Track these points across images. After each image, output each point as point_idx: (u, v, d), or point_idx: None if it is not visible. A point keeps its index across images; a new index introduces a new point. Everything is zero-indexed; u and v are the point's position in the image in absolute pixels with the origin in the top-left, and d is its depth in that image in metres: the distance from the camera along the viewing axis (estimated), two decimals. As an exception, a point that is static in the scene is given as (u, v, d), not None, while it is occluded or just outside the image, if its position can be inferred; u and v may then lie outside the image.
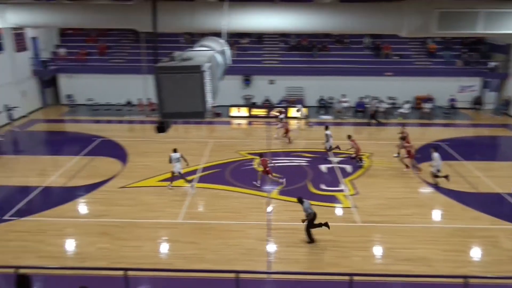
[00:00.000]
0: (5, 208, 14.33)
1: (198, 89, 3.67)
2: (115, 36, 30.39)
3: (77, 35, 30.69)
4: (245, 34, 29.07)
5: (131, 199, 14.89)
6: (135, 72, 26.41)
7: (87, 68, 28.28)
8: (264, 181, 16.10)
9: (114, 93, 27.44)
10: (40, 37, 28.15)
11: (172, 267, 10.72)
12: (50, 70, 27.97)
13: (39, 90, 28.17)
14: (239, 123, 25.38)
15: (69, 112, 27.43)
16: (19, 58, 25.64)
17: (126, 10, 12.70)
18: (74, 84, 28.33)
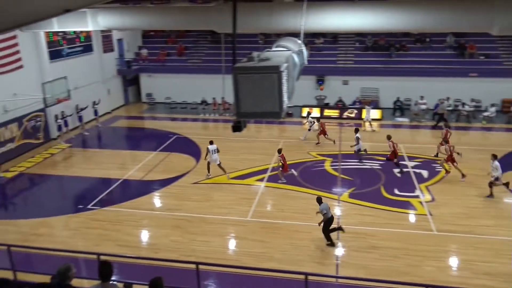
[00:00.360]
0: (88, 197, 15.46)
1: (275, 89, 3.68)
2: (193, 37, 31.53)
3: (158, 36, 32.30)
4: (320, 34, 28.78)
5: (203, 195, 15.36)
6: (210, 72, 27.32)
7: (166, 68, 29.64)
8: (289, 177, 16.10)
9: (190, 92, 28.48)
10: (125, 39, 30.03)
11: (239, 264, 10.88)
12: (133, 69, 29.71)
13: (122, 89, 30.05)
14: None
15: (148, 110, 28.94)
16: (106, 58, 27.51)
17: (206, 12, 13.14)
18: (153, 83, 29.85)
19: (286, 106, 3.94)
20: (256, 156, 18.88)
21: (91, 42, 25.93)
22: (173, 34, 32.01)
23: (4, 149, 18.99)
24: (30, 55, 20.60)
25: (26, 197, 16.78)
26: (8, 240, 11.42)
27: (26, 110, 20.26)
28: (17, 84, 19.49)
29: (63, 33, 22.83)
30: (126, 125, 25.91)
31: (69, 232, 13.22)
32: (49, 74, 21.07)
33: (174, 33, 31.82)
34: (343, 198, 14.89)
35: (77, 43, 24.59)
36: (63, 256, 10.00)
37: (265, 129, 23.54)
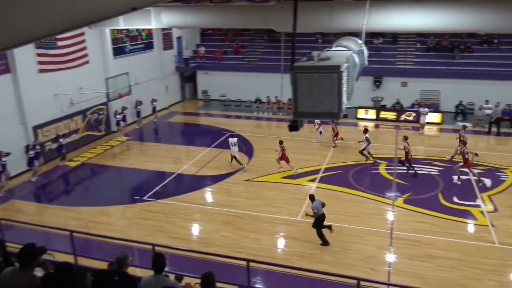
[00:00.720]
0: (144, 189, 16.04)
1: (334, 90, 3.62)
2: (250, 36, 31.78)
3: (216, 35, 32.85)
4: (378, 34, 28.00)
5: (254, 193, 15.46)
6: (265, 70, 27.42)
7: (222, 66, 30.10)
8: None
9: (245, 90, 28.73)
10: (184, 37, 30.83)
11: (288, 263, 10.83)
12: (190, 67, 30.45)
13: (179, 85, 30.89)
14: (366, 125, 24.55)
15: (204, 106, 29.54)
16: (165, 55, 28.39)
17: (265, 10, 13.19)
18: (210, 81, 30.42)
19: (344, 107, 3.87)
20: (309, 157, 18.73)
21: (152, 39, 26.86)
22: (230, 33, 32.43)
23: (69, 139, 20.13)
24: (96, 51, 21.68)
25: (86, 186, 17.72)
26: (70, 226, 12.10)
27: (90, 103, 21.35)
28: (83, 78, 20.59)
29: (127, 30, 23.82)
30: (182, 120, 26.60)
31: (125, 221, 13.79)
32: (112, 70, 22.09)
33: (231, 31, 32.24)
34: (397, 204, 14.42)
35: (139, 41, 25.56)
36: (118, 244, 10.45)
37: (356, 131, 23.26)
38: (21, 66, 17.20)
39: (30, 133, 17.80)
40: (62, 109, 19.73)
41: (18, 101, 17.32)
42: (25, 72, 17.43)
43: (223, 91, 29.58)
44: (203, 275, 5.06)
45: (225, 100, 29.36)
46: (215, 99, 30.02)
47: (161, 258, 5.33)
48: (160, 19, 15.11)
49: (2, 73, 16.60)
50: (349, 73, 3.99)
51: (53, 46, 18.64)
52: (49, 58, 18.60)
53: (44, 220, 13.48)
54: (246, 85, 28.75)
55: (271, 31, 29.78)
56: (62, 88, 19.47)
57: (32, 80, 17.77)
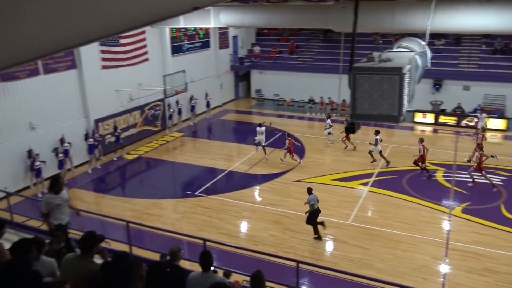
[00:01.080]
0: (196, 185, 16.39)
1: (395, 92, 3.49)
2: (305, 36, 31.57)
3: (271, 34, 32.92)
4: (440, 35, 26.83)
5: (304, 194, 15.21)
6: (320, 71, 27.14)
7: (277, 66, 30.11)
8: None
9: (298, 90, 28.56)
10: (239, 36, 31.17)
11: (336, 267, 10.66)
12: (245, 66, 30.73)
13: (234, 84, 31.27)
14: (423, 130, 23.68)
15: (256, 105, 29.71)
16: (221, 54, 28.84)
17: (324, 10, 13.05)
18: (263, 80, 30.54)
19: (405, 110, 3.72)
20: (362, 160, 18.31)
21: (209, 38, 27.38)
22: (286, 32, 32.39)
23: (128, 133, 20.97)
24: (155, 49, 22.41)
25: (142, 179, 18.38)
26: (125, 216, 12.60)
27: (148, 99, 22.12)
28: (142, 75, 21.37)
29: (185, 29, 24.44)
30: (234, 118, 26.92)
31: (177, 215, 14.16)
32: (170, 67, 22.75)
33: (287, 31, 32.18)
34: (455, 213, 13.77)
35: (196, 39, 26.15)
36: (170, 237, 10.75)
37: (372, 132, 22.68)
38: (86, 62, 18.14)
39: (92, 126, 18.73)
40: (122, 104, 20.61)
41: (82, 95, 18.29)
42: (90, 68, 18.37)
43: (277, 90, 29.59)
44: (253, 273, 5.08)
45: (278, 99, 29.35)
46: (268, 98, 30.10)
47: (209, 256, 5.40)
48: (219, 18, 15.37)
49: (69, 68, 17.58)
50: (411, 75, 3.84)
51: (116, 43, 19.50)
52: (112, 55, 19.48)
53: (102, 209, 14.14)
54: (300, 85, 28.58)
55: (327, 31, 29.43)
56: (122, 84, 20.34)
57: (95, 75, 18.70)
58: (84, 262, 4.44)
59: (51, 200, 7.20)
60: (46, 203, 7.23)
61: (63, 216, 7.36)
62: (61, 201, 7.31)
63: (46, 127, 16.64)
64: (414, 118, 24.37)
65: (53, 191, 7.24)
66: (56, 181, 7.28)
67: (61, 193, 7.31)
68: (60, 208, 7.28)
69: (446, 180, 16.29)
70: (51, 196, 7.23)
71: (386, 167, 17.60)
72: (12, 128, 15.40)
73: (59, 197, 7.26)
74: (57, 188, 7.23)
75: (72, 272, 4.36)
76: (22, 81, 15.54)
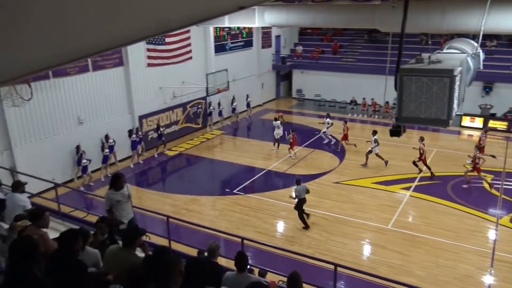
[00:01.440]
0: (234, 183, 16.52)
1: (445, 95, 3.35)
2: (349, 36, 31.09)
3: (314, 34, 32.64)
4: (493, 36, 25.65)
5: (343, 196, 15.12)
6: (363, 71, 26.65)
7: (319, 66, 29.82)
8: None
9: (340, 91, 28.17)
10: (282, 36, 31.11)
11: (374, 272, 10.42)
12: (287, 65, 30.64)
13: (275, 83, 31.26)
14: (471, 134, 22.75)
15: (297, 105, 29.55)
16: (263, 54, 28.89)
17: (371, 10, 12.78)
18: (305, 80, 30.33)
19: (454, 114, 3.58)
20: (404, 163, 17.81)
21: (251, 38, 27.50)
22: (329, 32, 32.02)
23: (170, 130, 21.43)
24: (199, 48, 22.75)
25: (182, 175, 18.74)
26: (164, 211, 12.86)
27: (190, 97, 22.51)
28: (185, 73, 21.77)
29: (229, 28, 24.66)
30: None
31: (215, 212, 14.33)
32: (213, 66, 23.05)
33: (330, 31, 31.81)
34: (503, 222, 13.15)
35: (239, 39, 26.33)
36: (207, 233, 10.89)
37: (416, 135, 22.01)
38: (133, 60, 18.68)
39: (136, 122, 19.27)
40: (165, 101, 21.08)
41: (128, 92, 18.85)
42: (136, 65, 18.91)
43: (318, 90, 29.32)
44: (290, 274, 5.05)
45: (319, 100, 29.07)
46: (309, 99, 29.87)
47: (244, 257, 5.41)
48: (263, 17, 15.40)
49: (116, 66, 18.17)
50: (462, 78, 3.69)
51: (162, 42, 19.95)
52: (157, 53, 19.95)
53: (142, 203, 14.49)
54: (342, 86, 28.18)
55: (372, 31, 28.85)
56: (166, 82, 20.81)
57: (140, 73, 19.23)
58: (126, 254, 4.57)
59: (112, 196, 7.35)
60: (107, 199, 7.41)
61: (124, 213, 7.45)
62: (122, 197, 7.43)
63: (93, 122, 17.30)
64: (461, 122, 23.45)
65: (114, 188, 7.41)
66: (118, 179, 7.42)
67: (122, 190, 7.44)
68: (120, 204, 7.41)
69: (494, 187, 15.56)
70: (112, 192, 7.39)
71: (385, 167, 17.52)
72: (62, 122, 16.10)
73: (119, 193, 7.39)
74: (118, 186, 7.38)
75: (115, 264, 4.50)
76: (72, 77, 16.21)
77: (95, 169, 16.90)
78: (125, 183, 7.53)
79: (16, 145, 14.55)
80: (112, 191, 7.40)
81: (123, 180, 7.47)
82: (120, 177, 7.49)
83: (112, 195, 7.37)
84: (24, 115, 14.71)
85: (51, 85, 15.54)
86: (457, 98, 3.53)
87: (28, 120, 14.92)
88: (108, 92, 17.94)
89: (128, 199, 7.63)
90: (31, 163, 14.62)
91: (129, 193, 7.65)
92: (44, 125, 15.49)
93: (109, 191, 7.46)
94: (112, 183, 7.46)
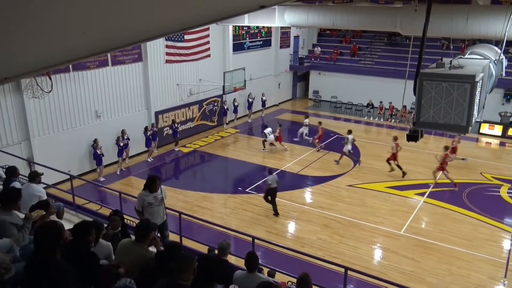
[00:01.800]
0: (247, 182, 16.53)
1: (465, 101, 3.29)
2: (368, 38, 30.83)
3: (333, 35, 32.46)
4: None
5: (356, 199, 15.01)
6: (382, 74, 26.41)
7: (337, 67, 29.65)
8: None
9: (357, 93, 27.95)
10: (301, 36, 31.00)
11: (385, 277, 10.31)
12: (304, 66, 30.53)
13: (292, 84, 31.17)
14: (489, 142, 22.36)
15: (313, 107, 29.40)
16: (281, 54, 28.84)
17: (392, 12, 12.67)
18: (322, 81, 30.18)
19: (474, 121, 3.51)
20: (419, 169, 17.61)
21: (270, 37, 27.46)
22: (349, 34, 31.80)
23: (185, 126, 21.54)
24: (217, 46, 22.82)
25: (195, 172, 18.82)
26: (177, 207, 12.89)
27: (207, 94, 22.58)
28: (203, 70, 21.86)
29: (248, 27, 24.66)
30: (289, 118, 26.81)
31: (227, 210, 14.35)
32: (231, 64, 23.10)
33: (350, 33, 31.59)
34: (518, 233, 12.88)
35: (258, 38, 26.32)
36: (218, 231, 10.92)
37: (433, 141, 21.77)
38: (152, 56, 18.83)
39: (152, 118, 19.41)
40: (181, 98, 21.19)
41: (145, 88, 19.01)
42: (154, 61, 19.06)
43: (335, 92, 29.13)
44: (300, 276, 5.03)
45: (335, 101, 28.88)
46: (325, 100, 29.69)
47: (255, 258, 5.41)
48: (283, 17, 15.39)
49: (135, 61, 18.33)
50: (483, 84, 3.62)
51: (181, 39, 20.07)
52: (176, 50, 20.07)
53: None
54: (359, 89, 27.95)
55: (392, 34, 28.56)
56: (183, 79, 20.93)
57: (159, 69, 19.38)
58: (138, 248, 4.61)
59: (144, 197, 7.23)
60: (140, 199, 7.29)
61: (154, 217, 7.21)
62: (154, 200, 7.29)
63: (110, 116, 17.49)
64: (480, 129, 23.06)
65: (148, 189, 7.29)
66: (153, 181, 7.31)
67: (155, 192, 7.30)
68: (152, 207, 7.28)
69: (510, 197, 15.29)
70: (145, 193, 7.27)
71: (358, 165, 17.88)
72: (79, 115, 16.32)
73: (152, 196, 7.26)
74: (152, 188, 7.26)
75: (127, 257, 4.53)
76: (91, 71, 16.41)
77: (110, 162, 17.09)
78: (159, 186, 7.39)
79: (34, 136, 14.80)
80: (146, 192, 7.28)
81: (158, 183, 7.33)
82: (155, 179, 7.35)
83: (144, 196, 7.25)
84: (43, 107, 14.96)
85: (71, 78, 15.77)
86: (477, 105, 3.46)
87: (47, 112, 15.17)
88: (126, 87, 18.12)
89: (161, 203, 7.46)
90: (48, 154, 14.85)
91: (162, 196, 7.47)
92: (62, 118, 15.72)
93: (143, 192, 7.32)
94: (147, 184, 7.33)
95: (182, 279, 3.31)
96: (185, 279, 3.31)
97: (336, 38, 32.26)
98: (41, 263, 3.47)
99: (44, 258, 3.48)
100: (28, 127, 14.58)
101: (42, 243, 3.54)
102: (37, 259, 3.52)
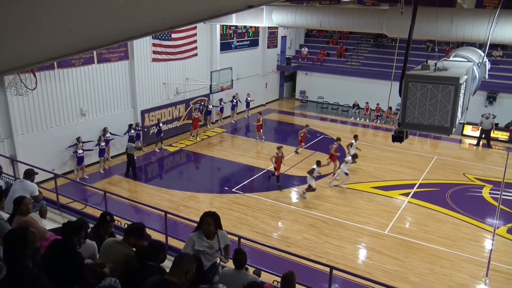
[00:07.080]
0: (233, 181, 16.52)
1: (449, 103, 3.35)
2: (355, 39, 31.07)
3: (320, 36, 32.62)
4: (499, 45, 25.62)
5: (342, 199, 15.13)
6: (368, 76, 26.63)
7: (323, 68, 29.80)
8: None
9: (343, 94, 28.10)
10: (288, 37, 31.08)
11: (370, 277, 10.40)
12: (291, 66, 30.61)
13: (278, 84, 31.24)
14: (472, 143, 22.71)
15: (300, 107, 29.50)
16: (268, 54, 28.85)
17: (379, 14, 12.79)
18: (308, 81, 30.30)
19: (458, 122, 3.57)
20: (403, 169, 17.84)
21: (257, 37, 27.46)
22: (335, 35, 32.00)
23: (171, 126, 21.42)
24: (205, 45, 22.74)
25: (181, 171, 18.73)
26: (162, 206, 12.88)
27: (193, 94, 22.49)
28: (190, 70, 21.77)
29: (235, 27, 24.63)
30: (276, 118, 26.87)
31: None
32: (218, 64, 23.04)
33: (337, 34, 31.79)
34: (499, 232, 13.14)
35: (245, 37, 26.30)
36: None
37: (417, 142, 22.05)
38: (138, 54, 18.68)
39: (138, 116, 19.25)
40: (168, 96, 21.07)
41: (131, 86, 18.85)
42: (140, 60, 18.92)
43: (321, 93, 29.26)
44: (284, 274, 5.05)
45: (322, 102, 29.02)
46: (312, 100, 29.81)
47: (244, 255, 5.41)
48: (271, 17, 15.42)
49: (121, 59, 18.16)
50: (467, 86, 3.68)
51: (168, 38, 19.95)
52: (163, 49, 19.95)
53: (140, 198, 14.53)
54: (346, 89, 28.14)
55: (378, 36, 28.83)
56: (170, 77, 20.82)
57: (145, 67, 19.24)
58: (122, 247, 4.58)
59: (195, 239, 5.56)
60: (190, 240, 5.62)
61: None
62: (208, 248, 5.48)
63: (95, 114, 17.31)
64: (463, 131, 23.41)
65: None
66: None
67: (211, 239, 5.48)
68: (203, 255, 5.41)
69: (492, 197, 15.57)
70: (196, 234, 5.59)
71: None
72: (64, 113, 16.10)
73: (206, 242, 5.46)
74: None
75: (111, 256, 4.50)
76: (77, 69, 16.21)
77: (93, 162, 16.93)
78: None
79: (17, 134, 14.56)
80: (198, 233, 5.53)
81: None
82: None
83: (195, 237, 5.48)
84: (27, 104, 14.73)
85: (56, 75, 15.55)
86: (461, 106, 3.53)
87: (31, 109, 14.93)
88: (112, 85, 17.94)
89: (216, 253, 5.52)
90: (31, 152, 14.63)
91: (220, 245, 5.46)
92: (46, 115, 15.50)
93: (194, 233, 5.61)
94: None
95: (172, 275, 3.28)
96: (176, 275, 3.28)
97: (323, 39, 32.44)
98: (11, 273, 3.26)
99: (14, 267, 3.29)
100: (11, 125, 14.34)
101: (8, 251, 3.35)
102: (8, 267, 3.30)
